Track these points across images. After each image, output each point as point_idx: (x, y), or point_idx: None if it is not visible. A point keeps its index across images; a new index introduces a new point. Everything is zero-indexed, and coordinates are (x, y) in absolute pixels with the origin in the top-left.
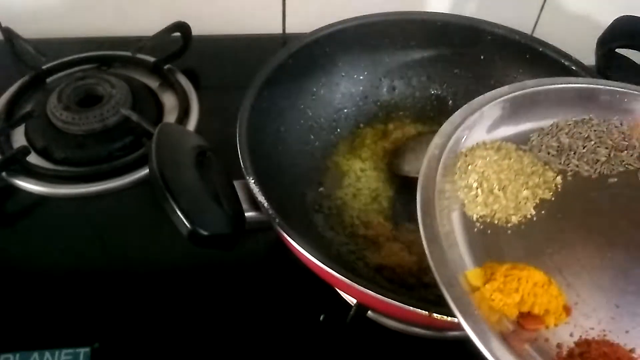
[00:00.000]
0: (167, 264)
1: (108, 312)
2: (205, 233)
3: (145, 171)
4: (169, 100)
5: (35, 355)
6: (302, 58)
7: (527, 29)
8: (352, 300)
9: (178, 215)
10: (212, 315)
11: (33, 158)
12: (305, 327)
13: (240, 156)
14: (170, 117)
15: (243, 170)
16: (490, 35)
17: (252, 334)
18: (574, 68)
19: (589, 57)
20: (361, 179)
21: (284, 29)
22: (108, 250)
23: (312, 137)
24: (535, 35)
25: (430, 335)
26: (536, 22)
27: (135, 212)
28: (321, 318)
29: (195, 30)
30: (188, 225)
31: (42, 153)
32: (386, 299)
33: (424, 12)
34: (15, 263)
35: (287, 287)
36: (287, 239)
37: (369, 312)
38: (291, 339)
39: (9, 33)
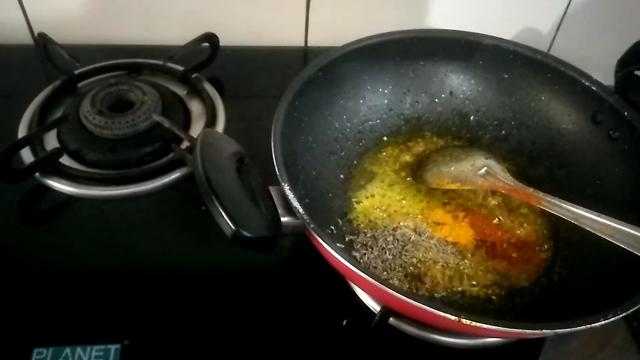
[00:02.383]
0: (193, 265)
1: (137, 310)
2: (248, 235)
3: (173, 176)
4: (196, 108)
5: (67, 350)
6: (331, 71)
7: (543, 47)
8: (374, 307)
9: (223, 217)
10: (237, 317)
11: (65, 160)
12: (327, 332)
13: (275, 163)
14: (198, 123)
15: (278, 177)
16: (512, 54)
17: (274, 336)
18: (594, 88)
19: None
20: (385, 189)
21: (305, 42)
22: (136, 250)
23: (338, 147)
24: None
25: (449, 344)
26: (552, 41)
27: (163, 215)
28: (344, 323)
29: (221, 41)
30: (232, 227)
31: (74, 155)
32: (418, 303)
33: (448, 30)
34: (46, 260)
35: (309, 292)
36: (320, 245)
37: (391, 318)
38: (313, 343)
39: (43, 38)
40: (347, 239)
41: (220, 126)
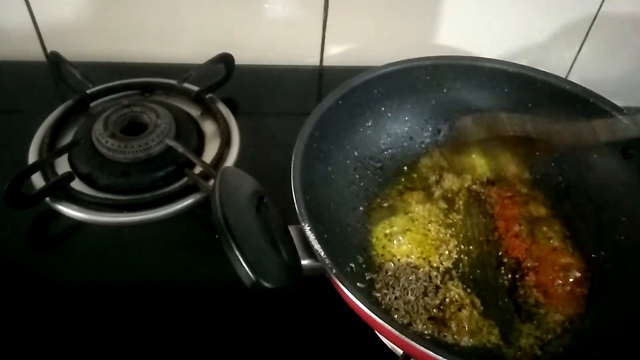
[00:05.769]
0: (207, 297)
1: (147, 338)
2: (268, 285)
3: (186, 202)
4: (209, 129)
5: None
6: (351, 100)
7: (562, 71)
8: (395, 349)
9: (243, 267)
10: (253, 350)
11: (76, 184)
12: None
13: (295, 202)
14: (212, 144)
15: (299, 216)
16: (540, 83)
17: None
18: (626, 122)
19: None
20: (406, 222)
21: (321, 61)
22: (148, 278)
23: (357, 177)
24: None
25: None
26: (572, 65)
27: (176, 242)
28: None
29: (236, 60)
30: (253, 278)
31: (86, 179)
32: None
33: (471, 57)
34: (54, 286)
35: (329, 329)
36: (342, 290)
37: None
38: None
39: (56, 57)
40: (367, 277)
41: (234, 147)
